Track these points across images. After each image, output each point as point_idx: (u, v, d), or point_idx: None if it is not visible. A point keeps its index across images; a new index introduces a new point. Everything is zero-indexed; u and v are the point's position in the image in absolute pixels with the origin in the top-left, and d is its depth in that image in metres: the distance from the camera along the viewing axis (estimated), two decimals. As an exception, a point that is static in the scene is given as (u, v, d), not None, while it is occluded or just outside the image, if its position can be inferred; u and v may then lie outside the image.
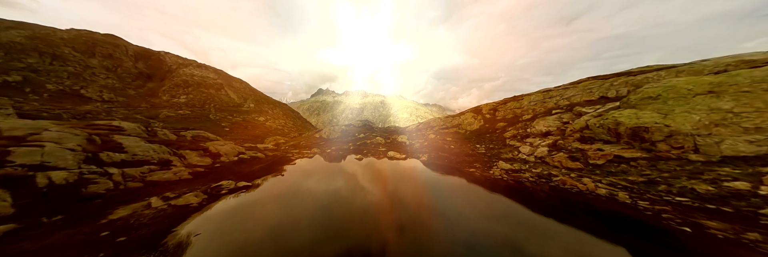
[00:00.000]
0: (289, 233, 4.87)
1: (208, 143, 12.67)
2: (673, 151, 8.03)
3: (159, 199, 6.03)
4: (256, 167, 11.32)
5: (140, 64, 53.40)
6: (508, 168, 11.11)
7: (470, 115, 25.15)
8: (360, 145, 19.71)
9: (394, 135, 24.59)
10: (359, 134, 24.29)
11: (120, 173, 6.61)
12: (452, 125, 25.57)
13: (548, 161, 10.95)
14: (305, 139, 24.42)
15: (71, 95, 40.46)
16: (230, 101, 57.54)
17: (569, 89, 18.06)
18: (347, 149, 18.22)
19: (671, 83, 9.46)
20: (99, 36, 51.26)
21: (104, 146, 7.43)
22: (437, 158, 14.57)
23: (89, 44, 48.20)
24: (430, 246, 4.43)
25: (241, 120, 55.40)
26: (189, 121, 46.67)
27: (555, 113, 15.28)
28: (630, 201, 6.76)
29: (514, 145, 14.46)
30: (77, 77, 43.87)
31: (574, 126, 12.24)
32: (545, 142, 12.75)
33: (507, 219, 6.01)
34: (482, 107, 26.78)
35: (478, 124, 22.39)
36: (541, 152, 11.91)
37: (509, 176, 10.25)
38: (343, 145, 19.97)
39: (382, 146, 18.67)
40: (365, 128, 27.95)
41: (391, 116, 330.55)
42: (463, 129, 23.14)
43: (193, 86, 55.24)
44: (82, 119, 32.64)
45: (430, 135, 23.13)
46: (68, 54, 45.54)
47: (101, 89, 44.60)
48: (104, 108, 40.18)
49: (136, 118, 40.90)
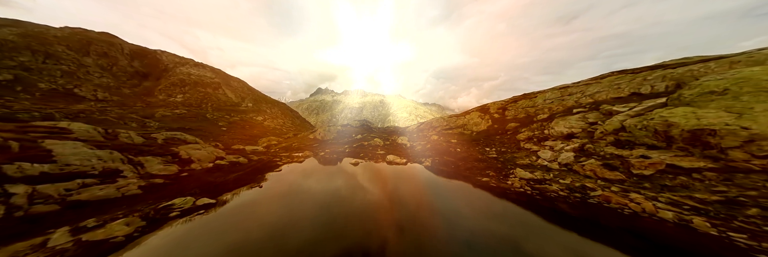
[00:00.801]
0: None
1: (182, 146, 11.03)
2: (755, 161, 6.15)
3: (67, 232, 4.35)
4: (231, 176, 9.63)
5: (136, 62, 52.27)
6: (528, 178, 9.29)
7: (476, 114, 23.24)
8: (357, 147, 18.00)
9: (394, 136, 22.97)
10: (357, 135, 22.53)
11: (27, 193, 4.95)
12: (456, 125, 23.66)
13: (577, 169, 9.11)
14: (299, 140, 22.73)
15: (64, 94, 39.37)
16: (228, 101, 56.23)
17: (591, 84, 16.05)
18: (342, 151, 16.51)
19: (743, 74, 7.51)
20: (94, 34, 50.21)
21: (21, 154, 5.81)
22: (443, 164, 12.77)
23: (83, 43, 47.13)
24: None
25: (239, 120, 54.06)
26: (185, 120, 45.37)
27: (577, 113, 13.35)
28: (716, 231, 4.90)
29: (530, 149, 12.60)
30: (71, 75, 42.80)
31: (605, 128, 10.33)
32: (570, 146, 10.87)
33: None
34: (489, 106, 24.83)
35: (486, 124, 20.52)
36: (566, 158, 10.07)
37: (532, 188, 8.43)
38: (338, 147, 18.29)
39: (381, 149, 16.97)
40: (363, 128, 26.18)
41: (390, 115, 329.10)
42: (468, 130, 21.33)
43: (190, 85, 54.00)
44: (75, 119, 31.48)
45: (433, 136, 21.22)
46: (62, 52, 44.49)
47: (95, 88, 43.50)
48: (98, 107, 39.01)
49: (132, 117, 39.66)
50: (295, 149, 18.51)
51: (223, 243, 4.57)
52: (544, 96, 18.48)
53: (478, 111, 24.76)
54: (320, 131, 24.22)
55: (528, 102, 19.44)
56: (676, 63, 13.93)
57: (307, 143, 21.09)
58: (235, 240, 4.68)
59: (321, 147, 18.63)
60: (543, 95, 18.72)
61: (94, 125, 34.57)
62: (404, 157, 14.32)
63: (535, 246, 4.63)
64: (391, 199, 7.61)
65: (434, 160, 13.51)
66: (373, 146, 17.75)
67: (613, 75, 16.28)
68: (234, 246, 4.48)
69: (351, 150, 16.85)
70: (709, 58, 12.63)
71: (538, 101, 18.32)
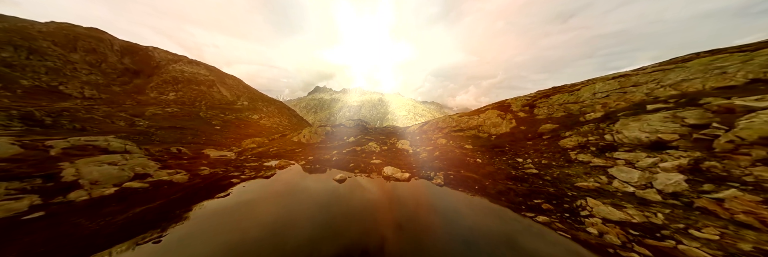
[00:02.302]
0: None
1: (81, 161, 7.53)
2: None
3: None
4: (120, 218, 5.90)
5: (126, 59, 49.98)
6: (623, 220, 5.23)
7: (494, 113, 19.21)
8: (348, 153, 14.26)
9: (393, 139, 19.12)
10: (349, 137, 19.03)
11: None
12: (468, 126, 19.79)
13: (706, 205, 5.11)
14: (282, 143, 19.44)
15: (48, 92, 37.19)
16: (222, 99, 53.52)
17: (671, 70, 11.43)
18: (328, 160, 12.78)
19: None
20: (81, 29, 48.01)
21: None
22: (460, 182, 8.85)
23: (70, 38, 44.95)
24: None
25: (234, 118, 51.30)
26: (177, 119, 42.76)
27: (656, 110, 9.16)
28: None
29: (590, 162, 8.56)
30: (56, 72, 40.65)
31: (738, 134, 6.20)
32: (670, 162, 6.77)
33: None
34: (510, 103, 20.63)
35: (508, 126, 16.52)
36: (671, 182, 6.02)
37: (644, 246, 4.45)
38: (325, 153, 14.59)
39: (377, 156, 13.19)
40: (358, 128, 22.28)
41: (389, 113, 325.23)
42: (484, 133, 17.55)
43: (183, 83, 51.47)
44: (58, 117, 28.99)
45: (440, 140, 17.46)
46: (47, 48, 42.38)
47: (83, 85, 41.27)
48: (84, 105, 36.68)
49: (120, 116, 37.13)
50: (273, 155, 14.91)
51: None
52: (591, 88, 14.13)
53: (495, 109, 20.61)
54: (305, 132, 20.23)
55: (567, 97, 15.32)
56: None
57: (290, 147, 17.62)
58: None
59: (304, 153, 14.97)
60: (591, 87, 14.33)
61: (80, 123, 31.79)
62: (407, 169, 10.44)
63: None
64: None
65: (447, 175, 9.57)
66: (367, 153, 13.99)
67: (701, 57, 11.65)
68: None
69: (340, 158, 13.13)
70: None
71: (584, 94, 14.07)
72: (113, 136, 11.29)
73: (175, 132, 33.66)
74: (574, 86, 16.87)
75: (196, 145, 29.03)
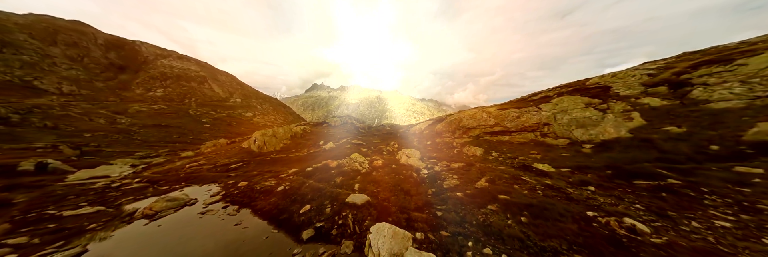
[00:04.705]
0: None
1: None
2: None
3: None
4: None
5: (112, 54, 47.56)
6: None
7: (577, 101, 11.66)
8: (309, 176, 7.44)
9: (392, 143, 13.30)
10: (325, 142, 13.08)
11: None
12: (522, 126, 11.99)
13: None
14: (224, 151, 14.04)
15: (21, 87, 34.80)
16: (214, 96, 51.45)
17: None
18: (266, 193, 6.33)
19: None
20: (63, 22, 45.45)
21: None
22: None
23: (50, 31, 42.44)
24: None
25: (226, 116, 49.29)
26: (163, 117, 40.66)
27: None
28: None
29: None
30: (32, 66, 38.22)
31: None
32: None
33: None
34: (606, 83, 13.11)
35: (626, 125, 9.43)
36: None
37: None
38: (268, 176, 7.99)
39: (363, 185, 6.50)
40: (346, 128, 17.17)
41: (387, 111, 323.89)
42: (560, 137, 10.55)
43: (172, 79, 49.27)
44: (27, 114, 26.84)
45: (470, 148, 10.76)
46: (24, 41, 39.86)
47: (61, 80, 38.91)
48: (60, 102, 34.46)
49: (100, 113, 34.92)
50: (183, 178, 8.86)
51: None
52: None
53: (573, 94, 12.46)
54: (258, 137, 13.43)
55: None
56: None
57: (230, 160, 11.94)
58: None
59: (239, 175, 8.74)
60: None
61: (52, 121, 29.34)
62: (437, 243, 3.77)
63: None
64: None
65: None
66: (346, 177, 7.16)
67: None
68: None
69: (287, 194, 5.98)
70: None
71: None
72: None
73: (159, 131, 31.62)
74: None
75: (182, 144, 27.09)
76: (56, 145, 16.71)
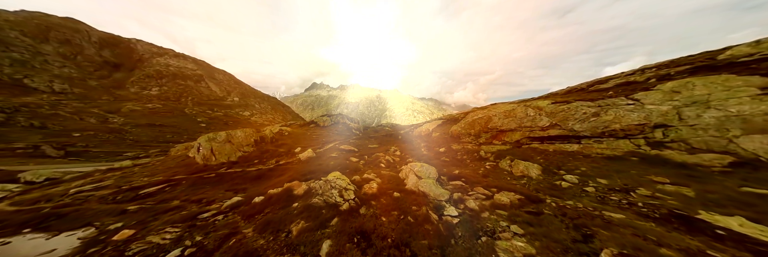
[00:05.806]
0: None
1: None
2: None
3: None
4: None
5: (106, 52, 46.55)
6: None
7: (726, 82, 6.19)
8: (231, 248, 2.19)
9: (392, 150, 9.42)
10: (303, 149, 9.86)
11: None
12: (601, 128, 7.26)
13: None
14: (170, 162, 9.98)
15: (9, 85, 33.85)
16: (211, 94, 50.53)
17: None
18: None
19: None
20: (56, 19, 44.41)
21: None
22: None
23: (42, 28, 41.42)
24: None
25: (222, 115, 48.40)
26: (158, 116, 39.73)
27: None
28: None
29: None
30: (23, 64, 37.26)
31: None
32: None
33: None
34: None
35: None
36: None
37: None
38: (177, 223, 3.43)
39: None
40: (337, 129, 14.08)
41: (387, 110, 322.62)
42: (701, 152, 5.44)
43: (168, 77, 48.33)
44: (13, 113, 25.93)
45: (519, 168, 6.35)
46: (14, 38, 38.87)
47: (53, 78, 37.95)
48: (51, 101, 33.52)
49: (92, 112, 34.01)
50: (58, 214, 4.30)
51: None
52: None
53: (697, 73, 7.47)
54: (203, 143, 9.26)
55: None
56: None
57: (165, 174, 8.35)
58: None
59: (154, 205, 4.94)
60: None
61: (39, 120, 28.14)
62: None
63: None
64: None
65: None
66: (315, 221, 3.15)
67: None
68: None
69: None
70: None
71: None
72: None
73: (153, 130, 30.71)
74: None
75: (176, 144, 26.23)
76: (39, 145, 15.86)
